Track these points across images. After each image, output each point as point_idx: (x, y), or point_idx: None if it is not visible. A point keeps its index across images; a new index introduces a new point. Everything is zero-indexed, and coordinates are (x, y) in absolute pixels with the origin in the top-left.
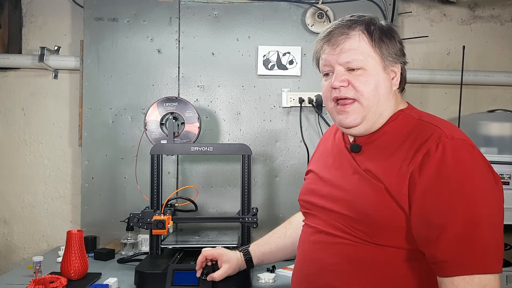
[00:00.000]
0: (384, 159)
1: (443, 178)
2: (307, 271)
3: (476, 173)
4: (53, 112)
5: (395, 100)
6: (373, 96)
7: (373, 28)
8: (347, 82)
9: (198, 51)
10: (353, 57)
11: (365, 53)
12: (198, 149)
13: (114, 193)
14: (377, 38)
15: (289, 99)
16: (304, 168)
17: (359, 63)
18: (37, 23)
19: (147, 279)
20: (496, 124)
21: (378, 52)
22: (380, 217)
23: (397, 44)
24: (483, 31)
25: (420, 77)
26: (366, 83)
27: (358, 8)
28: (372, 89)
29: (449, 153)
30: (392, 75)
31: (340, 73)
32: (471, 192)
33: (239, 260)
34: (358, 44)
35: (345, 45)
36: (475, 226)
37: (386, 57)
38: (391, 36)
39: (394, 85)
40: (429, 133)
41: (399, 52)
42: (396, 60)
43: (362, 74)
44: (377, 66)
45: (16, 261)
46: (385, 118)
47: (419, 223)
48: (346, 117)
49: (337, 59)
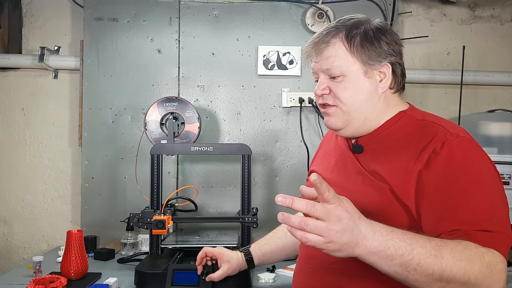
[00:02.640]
0: (390, 160)
1: (453, 174)
2: (310, 269)
3: (486, 168)
4: (53, 112)
5: (387, 102)
6: (351, 102)
7: (355, 33)
8: (328, 89)
9: (198, 51)
10: (331, 65)
11: (343, 59)
12: (198, 149)
13: (114, 193)
14: (357, 44)
15: (289, 99)
16: (304, 168)
17: (338, 69)
18: (37, 23)
19: (147, 279)
20: (496, 124)
21: (358, 57)
22: (384, 218)
23: (385, 45)
24: (483, 31)
25: (420, 77)
26: (344, 89)
27: (358, 8)
28: (351, 95)
29: (456, 150)
30: (380, 77)
31: (322, 81)
32: (484, 186)
33: (239, 260)
34: (337, 51)
35: (325, 53)
36: (492, 215)
37: (367, 62)
38: (376, 38)
39: (382, 88)
40: (434, 133)
41: (388, 52)
42: (382, 62)
43: (342, 80)
44: (357, 71)
45: (16, 261)
46: (375, 121)
47: (432, 219)
48: (328, 119)
49: (320, 67)
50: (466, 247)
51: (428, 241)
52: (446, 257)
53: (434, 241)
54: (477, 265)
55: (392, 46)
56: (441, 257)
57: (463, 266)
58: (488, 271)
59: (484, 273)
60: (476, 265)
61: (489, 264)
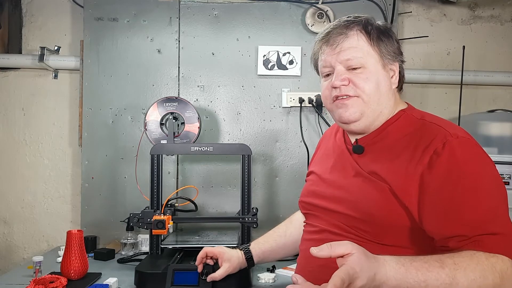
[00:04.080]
0: (389, 160)
1: (456, 175)
2: (311, 268)
3: (487, 168)
4: (53, 112)
5: (394, 99)
6: (374, 93)
7: (371, 28)
8: (348, 80)
9: (198, 51)
10: (353, 55)
11: (364, 51)
12: (198, 149)
13: (114, 193)
14: (375, 37)
15: (289, 99)
16: (304, 168)
17: (359, 60)
18: (37, 23)
19: (147, 279)
20: (496, 124)
21: (377, 50)
22: (384, 217)
23: (395, 43)
24: (483, 31)
25: (420, 77)
26: (367, 80)
27: (358, 8)
28: (373, 86)
29: (457, 151)
30: (391, 73)
31: (340, 72)
32: (486, 187)
33: (239, 259)
34: (357, 42)
35: (344, 44)
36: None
37: (385, 55)
38: (388, 35)
39: (394, 84)
40: (434, 134)
41: (397, 50)
42: (394, 59)
43: (362, 72)
44: (377, 64)
45: (16, 261)
46: (384, 117)
47: (436, 221)
48: (346, 110)
49: (337, 58)
50: (478, 262)
51: (442, 269)
52: (461, 281)
53: (447, 266)
54: (491, 278)
55: (399, 45)
56: (456, 283)
57: (477, 285)
58: (501, 280)
59: (497, 283)
60: (490, 279)
61: (501, 272)
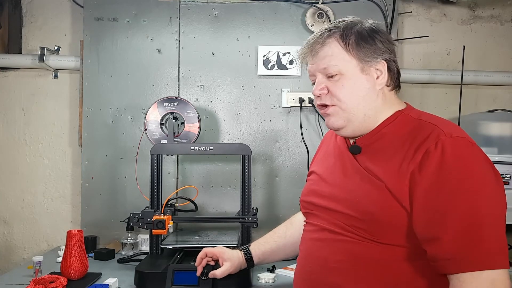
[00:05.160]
0: (385, 160)
1: (444, 176)
2: (310, 268)
3: (477, 169)
4: (53, 112)
5: (384, 99)
6: (349, 99)
7: (349, 32)
8: (326, 89)
9: (198, 51)
10: (328, 63)
11: (339, 58)
12: (198, 149)
13: (114, 193)
14: (352, 42)
15: (289, 99)
16: (304, 168)
17: (335, 68)
18: (37, 23)
19: (147, 279)
20: (496, 124)
21: (354, 55)
22: (383, 216)
23: (379, 43)
24: (483, 31)
25: (420, 77)
26: (342, 88)
27: (358, 8)
28: (349, 93)
29: (449, 151)
30: (377, 74)
31: (320, 81)
32: (473, 189)
33: (240, 259)
34: (332, 50)
35: (321, 53)
36: (479, 223)
37: (363, 59)
38: (371, 36)
39: (379, 84)
40: (427, 132)
41: (382, 50)
42: (377, 58)
43: (339, 79)
44: (354, 69)
45: (16, 261)
46: (374, 118)
47: (422, 221)
48: (329, 119)
49: (316, 68)
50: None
51: None
52: None
53: None
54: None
55: (386, 44)
56: None
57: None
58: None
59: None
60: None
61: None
